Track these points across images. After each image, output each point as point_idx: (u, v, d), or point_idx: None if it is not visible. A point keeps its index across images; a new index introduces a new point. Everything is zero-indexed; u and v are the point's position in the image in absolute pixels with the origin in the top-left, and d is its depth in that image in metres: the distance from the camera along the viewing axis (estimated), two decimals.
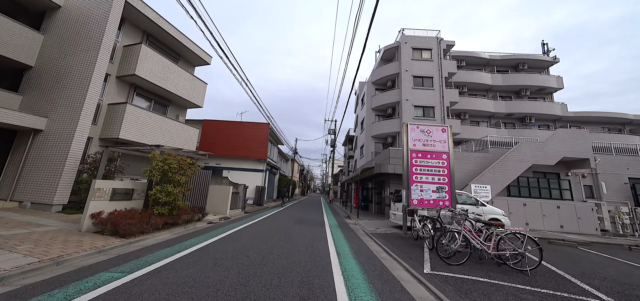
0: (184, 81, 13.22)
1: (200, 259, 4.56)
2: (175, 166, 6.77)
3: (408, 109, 20.29)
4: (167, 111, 13.58)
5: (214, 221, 9.22)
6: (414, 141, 8.69)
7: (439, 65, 21.03)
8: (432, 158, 8.53)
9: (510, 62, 23.07)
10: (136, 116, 10.39)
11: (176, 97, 13.10)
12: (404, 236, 8.08)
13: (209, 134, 19.34)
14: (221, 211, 11.24)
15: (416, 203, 8.14)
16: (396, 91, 21.44)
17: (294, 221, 10.64)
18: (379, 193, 17.00)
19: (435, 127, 8.86)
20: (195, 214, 8.24)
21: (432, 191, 8.23)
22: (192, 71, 15.18)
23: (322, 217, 13.25)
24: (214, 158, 19.39)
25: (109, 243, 4.87)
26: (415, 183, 8.32)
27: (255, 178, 19.04)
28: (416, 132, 8.80)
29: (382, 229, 9.81)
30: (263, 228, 8.35)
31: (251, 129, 19.61)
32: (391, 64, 22.40)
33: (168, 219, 6.71)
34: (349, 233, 8.77)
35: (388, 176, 14.38)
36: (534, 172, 13.34)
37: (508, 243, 4.66)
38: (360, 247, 6.52)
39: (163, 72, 11.83)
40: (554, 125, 21.93)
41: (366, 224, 11.12)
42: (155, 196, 6.37)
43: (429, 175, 8.39)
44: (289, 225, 9.42)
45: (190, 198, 8.52)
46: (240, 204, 13.25)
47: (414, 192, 8.23)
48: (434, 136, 8.73)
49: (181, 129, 13.19)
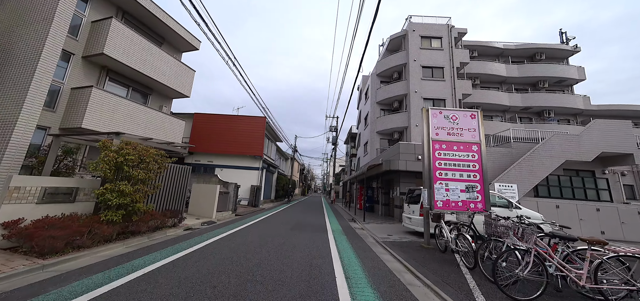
0: (168, 67, 11.67)
1: (131, 297, 2.99)
2: (134, 158, 5.20)
3: (416, 102, 18.68)
4: (149, 100, 12.03)
5: (194, 226, 7.66)
6: (437, 130, 7.09)
7: (450, 54, 19.41)
8: (459, 149, 6.93)
9: (526, 52, 21.40)
10: (106, 103, 8.84)
11: (159, 84, 11.56)
12: (426, 247, 6.48)
13: (200, 129, 17.79)
14: (206, 213, 9.68)
15: (441, 206, 6.54)
16: (403, 83, 19.85)
17: (291, 226, 9.06)
18: (386, 192, 15.41)
19: (462, 112, 7.25)
20: (167, 219, 6.68)
21: (460, 191, 6.63)
22: (179, 57, 13.64)
23: (323, 220, 11.67)
24: (206, 155, 17.85)
25: (12, 267, 3.31)
26: (440, 181, 6.73)
27: (250, 177, 17.48)
28: (439, 118, 7.20)
29: (395, 236, 8.22)
30: (252, 236, 6.78)
31: (246, 123, 18.05)
32: (398, 54, 20.80)
33: (125, 227, 5.15)
34: (356, 241, 7.18)
35: (398, 173, 12.79)
36: (565, 170, 11.70)
37: (613, 270, 3.01)
38: (375, 264, 4.94)
39: (142, 55, 10.29)
40: (575, 120, 20.24)
41: (375, 229, 9.54)
42: (104, 197, 4.81)
43: (456, 170, 6.79)
44: (284, 231, 7.85)
45: (162, 199, 6.95)
46: (230, 205, 11.70)
47: (438, 192, 6.64)
48: (461, 123, 7.13)
49: (165, 121, 11.64)
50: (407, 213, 9.14)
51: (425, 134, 7.17)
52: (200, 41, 13.86)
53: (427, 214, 6.76)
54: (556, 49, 20.72)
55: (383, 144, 21.32)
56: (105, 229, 4.55)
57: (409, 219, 8.80)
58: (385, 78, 22.65)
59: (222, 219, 9.88)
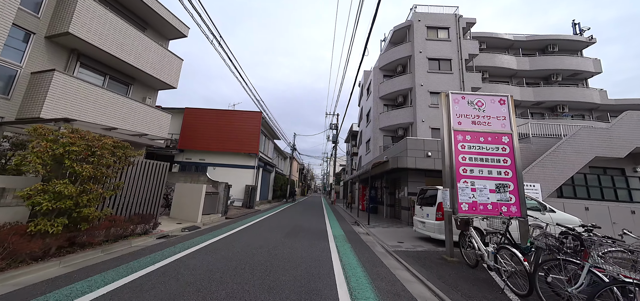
0: (151, 54, 10.50)
1: None
2: (79, 150, 4.03)
3: (422, 96, 17.54)
4: (130, 90, 10.85)
5: (172, 233, 6.49)
6: (459, 118, 5.92)
7: (458, 45, 18.25)
8: (486, 141, 5.77)
9: (538, 44, 20.24)
10: (73, 91, 7.68)
11: (141, 73, 10.39)
12: (449, 260, 5.31)
13: (191, 125, 16.62)
14: (190, 217, 8.51)
15: (466, 209, 5.38)
16: (408, 76, 18.69)
17: (287, 232, 7.89)
18: (391, 193, 14.25)
19: (489, 97, 6.09)
20: (136, 225, 5.52)
21: (489, 191, 5.47)
22: (166, 45, 12.47)
23: (323, 223, 10.50)
24: (197, 152, 16.68)
25: None
26: (464, 179, 5.56)
27: (245, 176, 16.31)
28: (462, 104, 6.03)
29: (407, 243, 7.05)
30: (237, 247, 5.61)
31: (240, 118, 16.87)
32: (402, 45, 19.63)
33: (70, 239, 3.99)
34: (363, 251, 6.02)
35: (406, 171, 11.63)
36: (592, 167, 10.53)
37: None
38: (392, 287, 3.77)
39: (119, 38, 9.12)
40: (591, 115, 19.09)
41: (382, 234, 8.37)
42: (33, 200, 3.63)
43: (483, 166, 5.62)
44: (277, 239, 6.68)
45: (129, 202, 5.77)
46: (220, 207, 10.53)
47: (463, 192, 5.48)
48: (488, 109, 5.97)
49: (147, 114, 10.48)
50: (420, 216, 7.98)
51: (445, 123, 6.00)
52: (189, 28, 12.69)
53: (449, 219, 5.59)
54: (570, 41, 19.56)
55: (386, 142, 20.17)
56: (31, 245, 3.38)
57: (422, 224, 7.64)
58: (389, 72, 21.49)
59: (208, 224, 8.71)
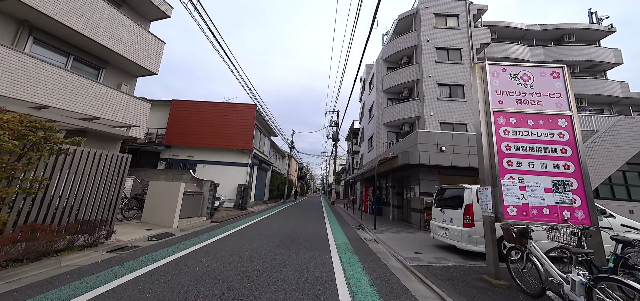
0: (125, 33, 9.12)
1: None
2: None
3: (430, 88, 16.20)
4: (102, 75, 9.46)
5: (132, 244, 5.11)
6: (500, 96, 4.57)
7: (469, 34, 16.91)
8: (537, 125, 4.41)
9: (553, 34, 18.91)
10: (16, 69, 6.29)
11: (113, 55, 9.01)
12: (496, 284, 3.91)
13: (179, 118, 15.22)
14: (165, 221, 7.13)
15: (515, 214, 4.02)
16: (414, 67, 17.35)
17: (280, 240, 6.51)
18: (399, 193, 12.89)
19: (537, 69, 4.72)
20: (77, 236, 4.15)
21: (544, 190, 4.10)
22: (146, 26, 11.07)
23: (324, 228, 9.13)
24: (185, 149, 15.28)
25: None
26: (510, 174, 4.20)
27: (238, 174, 14.92)
28: (503, 79, 4.67)
29: (428, 255, 5.68)
30: (209, 264, 4.23)
31: (233, 112, 15.48)
32: (408, 35, 18.30)
33: None
34: (375, 268, 4.65)
35: (417, 168, 10.27)
36: (630, 164, 9.19)
37: None
38: None
39: (84, 11, 7.74)
40: (611, 109, 17.77)
41: (394, 242, 7.00)
42: None
43: (535, 157, 4.26)
44: (267, 251, 5.31)
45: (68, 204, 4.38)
46: (205, 209, 9.15)
47: (509, 191, 4.12)
48: (537, 85, 4.60)
49: (121, 102, 9.10)
50: (439, 220, 6.62)
51: (481, 103, 4.64)
52: (172, 7, 11.30)
53: (492, 228, 4.21)
54: (588, 30, 18.23)
55: (391, 138, 18.84)
56: None
57: (443, 231, 6.27)
58: (393, 64, 20.15)
59: (187, 229, 7.33)
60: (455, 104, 15.92)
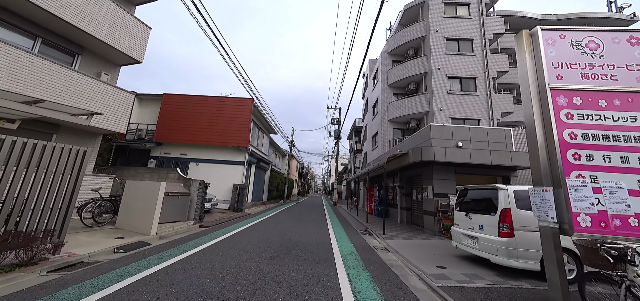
0: (103, 14, 8.12)
1: None
2: None
3: (440, 82, 15.13)
4: (77, 61, 8.45)
5: (91, 258, 4.08)
6: (559, 69, 3.50)
7: (481, 24, 15.81)
8: (611, 106, 3.34)
9: (570, 24, 17.79)
10: None
11: (89, 39, 8.01)
12: None
13: (171, 114, 14.21)
14: (142, 227, 6.10)
15: (588, 226, 2.96)
16: (422, 59, 16.26)
17: (276, 250, 5.46)
18: (408, 193, 11.82)
19: (609, 34, 3.64)
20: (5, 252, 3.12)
21: (628, 193, 3.04)
22: (131, 10, 10.04)
23: (326, 233, 8.07)
24: (178, 146, 14.27)
25: None
26: (578, 171, 3.13)
27: (233, 173, 13.89)
28: (561, 47, 3.60)
29: (454, 270, 4.61)
30: (176, 290, 3.19)
31: (228, 107, 14.45)
32: (415, 25, 17.20)
33: None
34: (393, 288, 3.59)
35: (430, 166, 9.20)
36: None
37: None
38: None
39: None
40: None
41: (409, 251, 5.92)
42: None
43: (612, 149, 3.20)
44: (259, 265, 4.26)
45: None
46: (192, 212, 8.12)
47: (578, 194, 3.05)
48: (609, 55, 3.53)
49: (99, 91, 8.10)
50: (463, 227, 5.55)
51: (531, 78, 3.58)
52: None
53: (556, 243, 3.14)
54: (608, 19, 17.08)
55: (396, 135, 17.77)
56: None
57: (470, 240, 5.20)
58: (398, 57, 19.08)
59: (168, 236, 6.30)
60: (467, 99, 14.83)
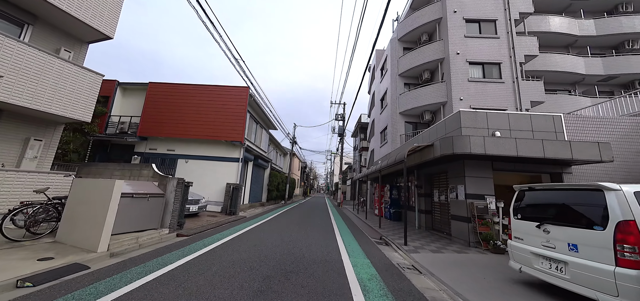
0: None
1: None
2: None
3: (459, 68, 13.42)
4: (27, 32, 6.92)
5: None
6: None
7: (505, 2, 14.04)
8: None
9: (605, 3, 15.85)
10: None
11: (42, 4, 6.47)
12: None
13: (157, 105, 12.68)
14: (89, 241, 4.53)
15: None
16: (438, 44, 14.54)
17: (266, 274, 3.83)
18: (427, 194, 10.11)
19: None
20: None
21: None
22: None
23: (334, 244, 6.41)
24: (165, 141, 12.74)
25: None
26: None
27: (227, 171, 12.32)
28: None
29: None
30: None
31: (221, 96, 12.88)
32: (429, 7, 15.49)
33: None
34: None
35: (460, 161, 7.51)
36: None
37: None
38: None
39: None
40: None
41: (447, 272, 4.23)
42: None
43: None
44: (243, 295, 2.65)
45: None
46: (168, 217, 6.53)
47: None
48: None
49: (53, 69, 6.55)
50: (535, 244, 3.86)
51: None
52: None
53: None
54: None
55: (408, 129, 16.05)
56: None
57: (553, 264, 3.52)
58: (410, 43, 17.37)
59: (124, 253, 4.70)
60: (491, 87, 13.10)
